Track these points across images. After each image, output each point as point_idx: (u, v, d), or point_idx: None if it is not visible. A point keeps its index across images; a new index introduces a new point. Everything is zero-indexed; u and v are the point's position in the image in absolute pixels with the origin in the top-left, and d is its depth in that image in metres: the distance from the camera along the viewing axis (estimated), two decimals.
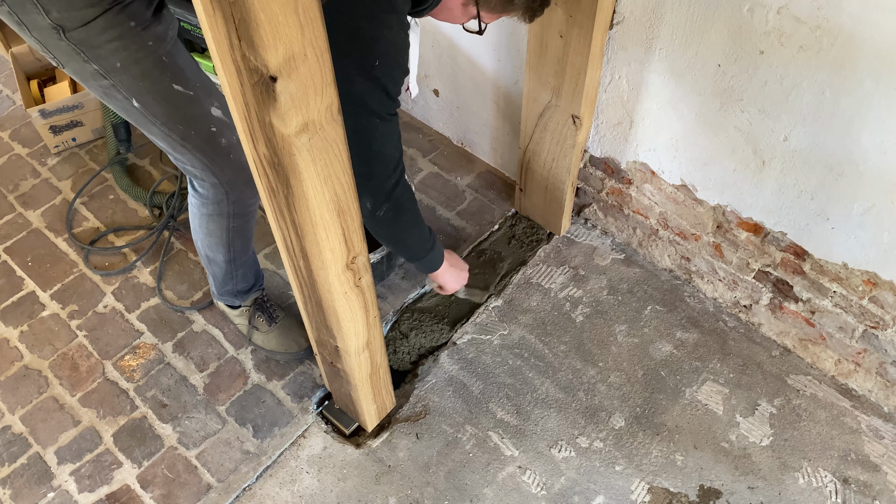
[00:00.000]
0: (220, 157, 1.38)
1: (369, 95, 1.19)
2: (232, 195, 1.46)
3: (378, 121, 1.23)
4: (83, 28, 1.14)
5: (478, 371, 1.77)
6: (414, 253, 1.52)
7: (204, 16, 0.78)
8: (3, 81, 2.55)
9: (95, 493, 1.62)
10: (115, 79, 1.22)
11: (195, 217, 1.54)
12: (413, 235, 1.47)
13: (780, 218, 1.57)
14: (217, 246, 1.58)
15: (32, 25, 1.14)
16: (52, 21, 1.12)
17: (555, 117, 1.72)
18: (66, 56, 1.18)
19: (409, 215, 1.40)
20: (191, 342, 1.85)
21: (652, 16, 1.46)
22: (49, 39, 1.16)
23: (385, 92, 1.21)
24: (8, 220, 2.13)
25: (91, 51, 1.17)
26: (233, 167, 1.40)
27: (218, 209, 1.48)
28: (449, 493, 1.59)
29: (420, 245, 1.50)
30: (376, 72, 1.18)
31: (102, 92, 1.25)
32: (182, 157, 1.37)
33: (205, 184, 1.43)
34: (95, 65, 1.19)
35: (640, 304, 1.88)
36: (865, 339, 1.62)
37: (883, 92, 1.23)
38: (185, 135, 1.32)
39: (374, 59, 1.17)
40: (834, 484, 1.58)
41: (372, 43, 1.16)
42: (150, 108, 1.27)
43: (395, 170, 1.31)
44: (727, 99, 1.46)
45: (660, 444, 1.65)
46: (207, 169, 1.39)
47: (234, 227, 1.54)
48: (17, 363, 1.84)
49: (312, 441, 1.68)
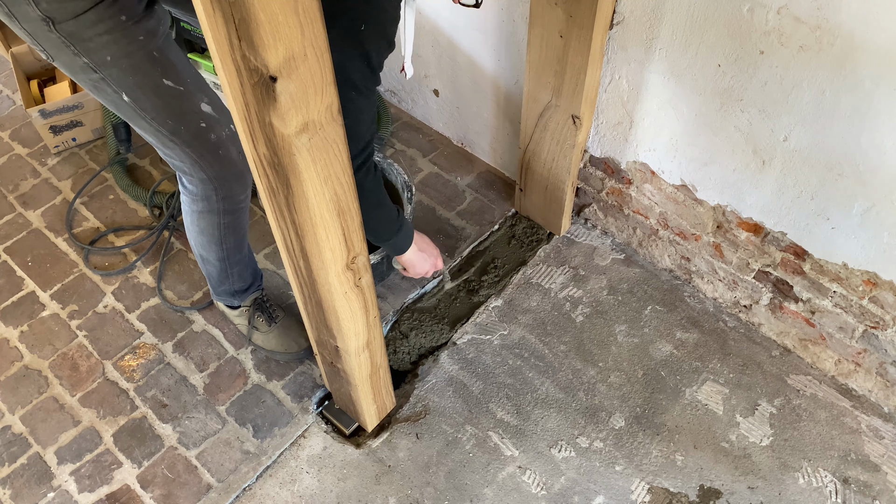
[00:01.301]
0: (210, 152, 1.38)
1: (350, 62, 1.17)
2: (221, 191, 1.46)
3: (354, 94, 1.19)
4: (73, 20, 1.13)
5: (478, 371, 1.77)
6: (380, 235, 1.51)
7: (204, 16, 0.78)
8: (3, 81, 2.55)
9: (95, 493, 1.62)
10: (105, 72, 1.21)
11: (187, 215, 1.54)
12: (377, 218, 1.44)
13: (780, 218, 1.57)
14: (209, 244, 1.58)
15: (23, 17, 1.14)
16: (41, 13, 1.12)
17: (555, 117, 1.72)
18: (56, 49, 1.18)
19: (372, 196, 1.38)
20: (191, 342, 1.85)
21: (652, 16, 1.46)
22: (39, 31, 1.15)
23: (367, 61, 1.18)
24: (8, 220, 2.13)
25: (81, 44, 1.16)
26: (221, 162, 1.40)
27: (208, 206, 1.48)
28: (449, 493, 1.59)
29: (387, 227, 1.49)
30: (361, 37, 1.16)
31: (92, 85, 1.24)
32: (171, 151, 1.37)
33: (193, 179, 1.43)
34: (85, 58, 1.18)
35: (640, 304, 1.88)
36: (865, 339, 1.62)
37: (883, 92, 1.23)
38: (174, 130, 1.32)
39: (360, 23, 1.15)
40: (834, 484, 1.58)
41: (363, 5, 1.15)
42: (140, 103, 1.26)
43: (364, 151, 1.29)
44: (727, 99, 1.46)
45: (660, 444, 1.65)
46: (196, 164, 1.39)
47: (225, 224, 1.54)
48: (17, 363, 1.84)
49: (312, 441, 1.68)
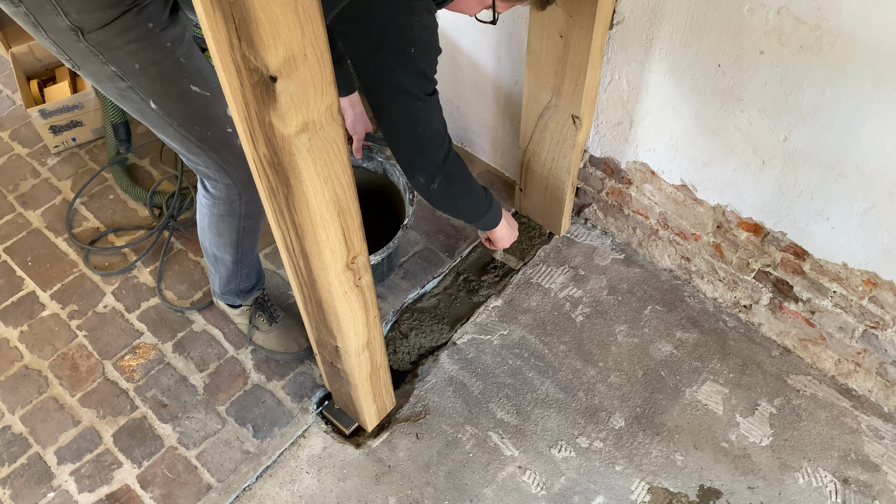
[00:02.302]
0: (235, 157, 1.38)
1: (409, 81, 1.22)
2: (245, 196, 1.46)
3: (419, 103, 1.25)
4: (102, 30, 1.13)
5: (478, 371, 1.77)
6: (473, 215, 1.53)
7: (204, 16, 0.78)
8: (3, 81, 2.55)
9: (95, 493, 1.62)
10: (132, 80, 1.21)
11: (205, 217, 1.53)
12: (469, 200, 1.48)
13: (780, 218, 1.57)
14: (226, 246, 1.58)
15: (49, 27, 1.13)
16: (70, 23, 1.12)
17: (555, 117, 1.72)
18: (83, 58, 1.18)
19: (462, 181, 1.42)
20: (191, 342, 1.85)
21: (652, 16, 1.46)
22: (66, 41, 1.15)
23: (423, 76, 1.24)
24: (8, 220, 2.13)
25: (109, 52, 1.16)
26: (247, 168, 1.40)
27: (230, 210, 1.48)
28: (449, 493, 1.59)
29: (478, 207, 1.52)
30: (413, 58, 1.21)
31: (119, 94, 1.24)
32: (197, 158, 1.37)
33: (218, 185, 1.43)
34: (113, 66, 1.18)
35: (640, 304, 1.88)
36: (865, 339, 1.62)
37: (883, 92, 1.23)
38: (201, 136, 1.32)
39: (409, 46, 1.20)
40: (834, 484, 1.58)
41: (406, 30, 1.19)
42: (168, 110, 1.26)
43: (443, 143, 1.33)
44: (727, 99, 1.46)
45: (660, 444, 1.65)
46: (222, 170, 1.39)
47: (244, 228, 1.54)
48: (17, 363, 1.84)
49: (312, 441, 1.68)
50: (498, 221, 1.59)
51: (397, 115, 1.24)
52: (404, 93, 1.23)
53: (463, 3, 1.29)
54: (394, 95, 1.22)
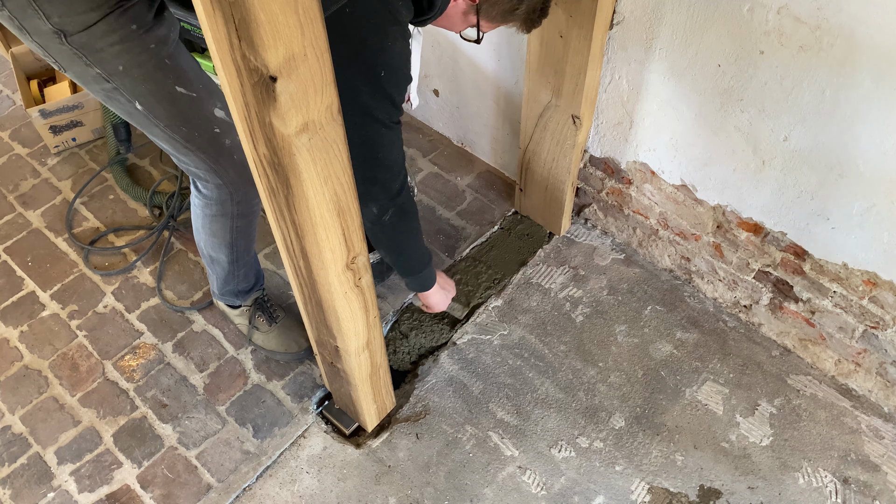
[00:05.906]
0: (224, 157, 1.38)
1: (375, 105, 1.21)
2: (236, 195, 1.46)
3: (384, 129, 1.25)
4: (84, 32, 1.13)
5: (478, 371, 1.77)
6: (412, 266, 1.52)
7: (204, 16, 0.78)
8: (3, 81, 2.55)
9: (95, 493, 1.62)
10: (117, 82, 1.21)
11: (198, 218, 1.53)
12: (414, 245, 1.48)
13: (780, 218, 1.57)
14: (220, 246, 1.58)
15: (33, 30, 1.14)
16: (53, 26, 1.12)
17: (555, 117, 1.72)
18: (68, 60, 1.18)
19: (412, 221, 1.42)
20: (191, 342, 1.85)
21: (652, 16, 1.46)
22: (50, 44, 1.15)
23: (391, 101, 1.23)
24: (8, 220, 2.13)
25: (93, 55, 1.17)
26: (236, 167, 1.40)
27: (222, 210, 1.48)
28: (449, 493, 1.59)
29: (419, 258, 1.51)
30: (382, 82, 1.20)
31: (105, 95, 1.25)
32: (186, 158, 1.37)
33: (208, 185, 1.43)
34: (97, 68, 1.18)
35: (640, 304, 1.88)
36: (865, 339, 1.62)
37: (883, 92, 1.23)
38: (188, 136, 1.32)
39: (379, 69, 1.19)
40: (834, 484, 1.58)
41: (378, 53, 1.18)
42: (154, 111, 1.27)
43: (399, 174, 1.33)
44: (727, 99, 1.46)
45: (660, 444, 1.65)
46: (211, 170, 1.39)
47: (237, 228, 1.54)
48: (17, 363, 1.84)
49: (312, 441, 1.68)
50: (432, 283, 1.59)
51: (359, 137, 1.21)
52: (369, 116, 1.21)
53: (447, 21, 1.28)
54: (359, 117, 1.20)
